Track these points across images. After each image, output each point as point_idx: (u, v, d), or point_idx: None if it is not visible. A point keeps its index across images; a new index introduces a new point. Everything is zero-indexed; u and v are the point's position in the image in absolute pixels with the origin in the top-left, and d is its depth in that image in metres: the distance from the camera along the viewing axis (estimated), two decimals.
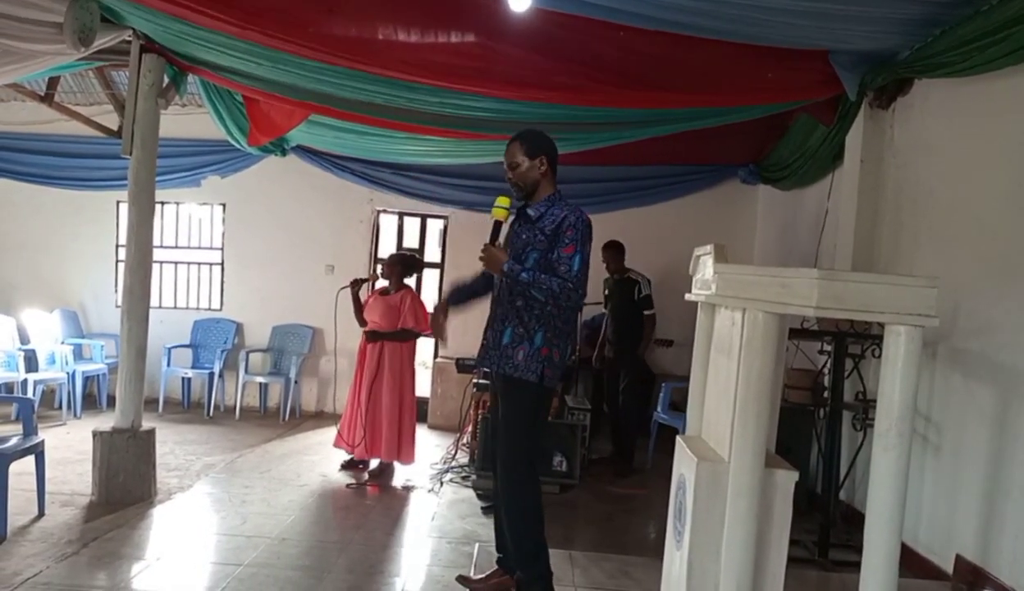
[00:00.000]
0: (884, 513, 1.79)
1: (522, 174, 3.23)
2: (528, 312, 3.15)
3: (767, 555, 2.11)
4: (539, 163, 3.24)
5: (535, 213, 3.23)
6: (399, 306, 5.50)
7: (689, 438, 2.45)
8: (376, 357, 5.47)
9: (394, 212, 8.09)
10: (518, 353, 3.14)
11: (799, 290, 1.83)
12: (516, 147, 3.25)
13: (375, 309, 5.54)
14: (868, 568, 1.81)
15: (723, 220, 7.58)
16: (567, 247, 3.09)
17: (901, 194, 4.61)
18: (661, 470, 5.64)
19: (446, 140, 5.83)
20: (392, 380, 5.48)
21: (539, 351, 3.14)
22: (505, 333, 3.18)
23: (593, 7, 3.77)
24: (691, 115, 5.08)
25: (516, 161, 3.24)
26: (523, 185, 3.24)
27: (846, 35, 3.98)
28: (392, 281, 5.59)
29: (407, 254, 6.01)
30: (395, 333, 5.49)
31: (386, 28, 4.24)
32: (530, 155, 3.23)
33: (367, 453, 5.50)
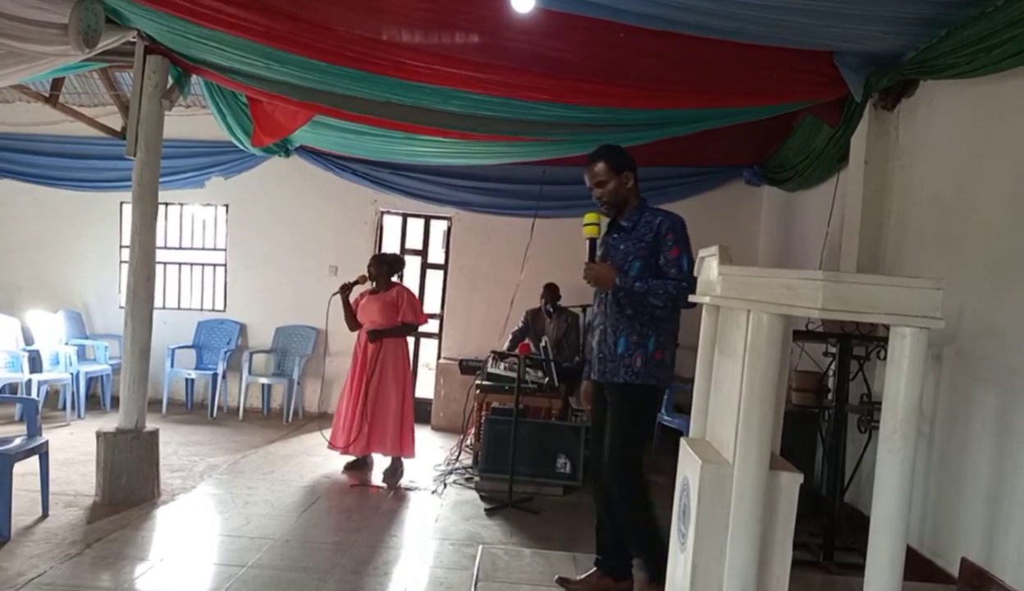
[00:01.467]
0: (889, 516, 1.78)
1: (612, 191, 3.25)
2: (639, 319, 3.15)
3: (771, 558, 2.10)
4: (626, 178, 3.26)
5: (629, 223, 3.24)
6: (396, 301, 5.58)
7: (693, 440, 2.44)
8: (376, 354, 5.50)
9: (397, 213, 8.09)
10: (636, 360, 3.14)
11: (804, 292, 1.82)
12: (601, 167, 3.26)
13: (371, 308, 5.57)
14: (872, 571, 1.80)
15: (727, 221, 7.57)
16: (672, 250, 3.12)
17: (906, 196, 4.59)
18: (664, 472, 5.62)
19: (450, 141, 5.83)
20: (395, 374, 5.55)
21: (654, 355, 3.16)
22: (619, 343, 3.17)
23: (596, 7, 3.76)
24: (696, 117, 5.07)
25: (603, 180, 3.25)
26: (614, 202, 3.26)
27: (852, 35, 3.96)
28: (380, 281, 5.63)
29: (390, 254, 6.06)
30: (397, 329, 5.56)
31: (390, 29, 4.24)
32: (617, 171, 3.24)
33: (369, 449, 5.51)
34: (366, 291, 5.75)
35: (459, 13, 4.05)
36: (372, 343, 5.51)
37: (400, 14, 4.09)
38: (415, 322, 5.68)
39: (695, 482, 2.15)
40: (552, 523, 4.68)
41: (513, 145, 5.89)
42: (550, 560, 3.76)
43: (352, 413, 5.53)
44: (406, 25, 4.19)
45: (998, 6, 3.32)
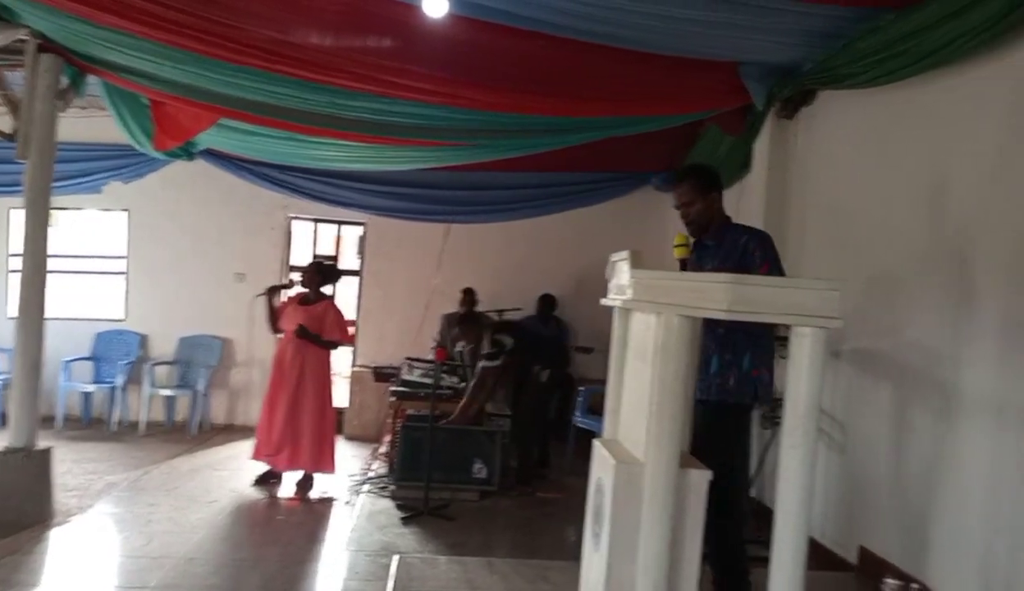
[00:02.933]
0: (792, 509, 1.84)
1: (700, 212, 3.14)
2: (733, 337, 3.03)
3: (682, 554, 2.14)
4: (712, 198, 3.16)
5: (714, 242, 3.15)
6: (322, 317, 5.41)
7: (606, 441, 2.47)
8: (299, 365, 5.34)
9: (308, 218, 7.91)
10: (729, 379, 3.03)
11: (711, 294, 1.87)
12: (689, 187, 3.16)
13: (294, 317, 5.40)
14: (777, 562, 1.86)
15: (638, 227, 7.71)
16: (762, 266, 3.00)
17: (806, 201, 4.79)
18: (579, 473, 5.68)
19: (362, 145, 5.74)
20: (315, 388, 5.38)
21: (750, 373, 3.03)
22: (712, 362, 3.05)
23: (509, 15, 3.78)
24: (605, 124, 5.16)
25: (690, 200, 3.15)
26: (701, 222, 3.15)
27: (754, 46, 4.11)
28: (312, 289, 5.48)
29: (326, 262, 5.89)
30: (323, 340, 5.42)
31: (299, 31, 4.14)
32: (704, 192, 3.14)
33: (288, 464, 5.35)
34: (292, 298, 5.59)
35: (372, 16, 4.00)
36: (293, 352, 5.33)
37: (310, 14, 4.00)
38: (340, 340, 5.53)
39: (608, 482, 2.17)
40: (468, 529, 4.65)
41: (427, 150, 5.85)
42: (466, 566, 3.74)
43: (274, 424, 5.36)
44: (316, 26, 4.11)
45: (890, 20, 3.51)
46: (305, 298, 5.49)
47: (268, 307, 5.45)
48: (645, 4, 3.52)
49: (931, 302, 3.51)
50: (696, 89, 4.68)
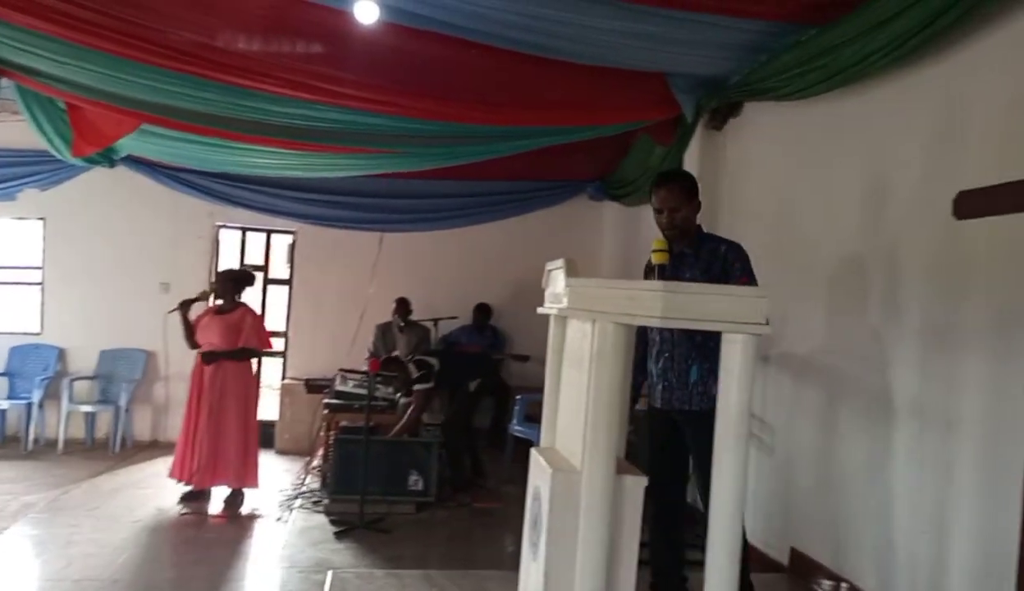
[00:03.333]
0: (725, 512, 1.87)
1: (685, 217, 3.07)
2: (709, 347, 2.99)
3: (619, 560, 2.15)
4: (697, 204, 3.13)
5: (692, 250, 3.11)
6: (240, 324, 5.25)
7: (544, 450, 2.47)
8: (219, 379, 5.17)
9: (236, 227, 7.71)
10: (711, 387, 2.99)
11: (645, 302, 1.88)
12: (678, 190, 3.08)
13: (211, 329, 5.24)
14: (712, 566, 1.88)
15: (573, 235, 7.79)
16: (742, 278, 2.99)
17: (735, 210, 4.91)
18: (517, 483, 5.68)
19: (294, 152, 5.64)
20: (237, 402, 5.22)
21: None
22: (691, 371, 3.07)
23: (441, 24, 3.77)
24: (539, 133, 5.20)
25: (676, 205, 3.06)
26: (685, 228, 3.08)
27: (682, 59, 4.21)
28: (227, 299, 5.32)
29: (238, 270, 5.75)
30: (234, 352, 5.23)
31: (225, 34, 4.04)
32: (690, 198, 3.09)
33: (210, 481, 5.18)
34: (209, 309, 5.41)
35: (301, 21, 3.93)
36: (207, 366, 5.17)
37: (237, 18, 3.91)
38: (258, 348, 5.37)
39: (546, 491, 2.17)
40: (404, 542, 4.60)
41: (359, 157, 5.78)
42: (403, 580, 3.68)
43: (192, 441, 5.18)
44: (243, 30, 4.01)
45: (811, 36, 3.64)
46: (220, 308, 5.34)
47: (183, 322, 5.27)
48: (576, 16, 3.56)
49: (856, 307, 3.63)
50: (627, 100, 4.76)
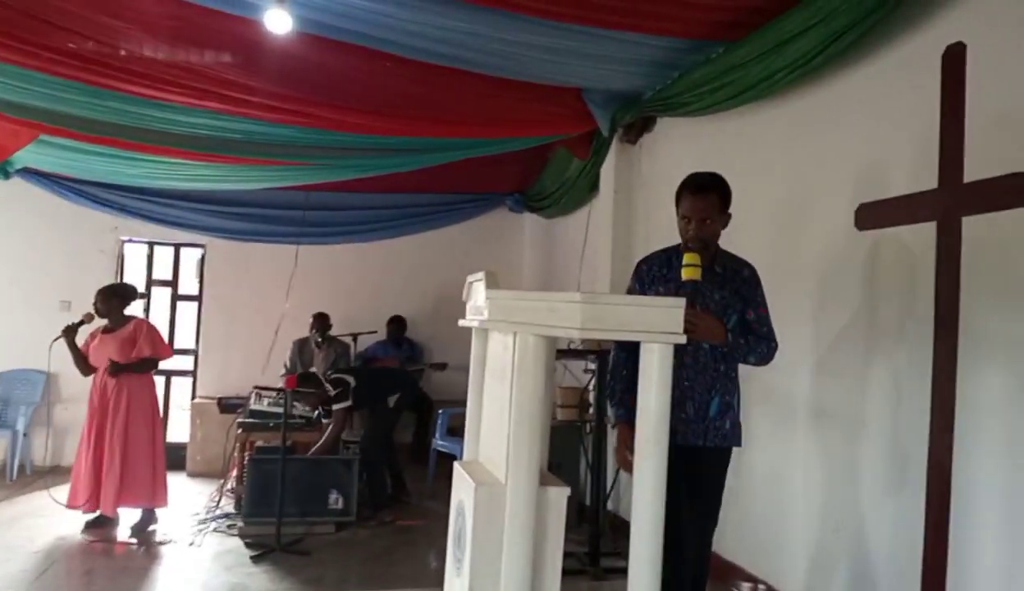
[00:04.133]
0: (647, 519, 1.89)
1: (715, 230, 2.77)
2: (728, 378, 2.81)
3: (543, 571, 2.15)
4: (728, 217, 2.82)
5: (721, 269, 2.81)
6: (134, 336, 5.00)
7: (467, 463, 2.45)
8: (122, 399, 4.92)
9: (142, 241, 7.40)
10: (726, 422, 2.79)
11: (565, 313, 1.90)
12: (715, 200, 2.75)
13: (105, 348, 4.97)
14: (635, 572, 1.90)
15: (494, 247, 7.82)
16: (762, 307, 2.79)
17: (650, 222, 5.03)
18: (441, 497, 5.63)
19: (204, 164, 5.47)
20: (139, 417, 4.97)
21: (737, 415, 2.85)
22: (712, 404, 2.77)
23: (356, 35, 3.74)
24: (456, 145, 5.21)
25: (711, 217, 2.74)
26: (710, 243, 2.77)
27: (596, 74, 4.29)
28: (112, 316, 5.08)
29: (118, 284, 5.52)
30: (139, 364, 5.00)
31: (129, 43, 3.89)
32: (724, 209, 2.78)
33: (117, 504, 4.92)
34: (98, 330, 5.15)
35: (210, 31, 3.82)
36: (112, 377, 4.91)
37: (142, 26, 3.77)
38: (154, 356, 5.10)
39: (470, 505, 2.15)
40: (324, 563, 4.48)
41: (271, 169, 5.65)
42: None
43: (92, 465, 4.91)
44: (150, 39, 3.87)
45: (721, 53, 3.77)
46: (109, 327, 5.10)
47: (71, 349, 4.99)
48: (492, 30, 3.59)
49: None
50: (544, 113, 4.82)
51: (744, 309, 2.77)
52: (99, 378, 5.02)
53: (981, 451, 2.60)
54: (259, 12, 3.45)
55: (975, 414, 2.60)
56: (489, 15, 3.44)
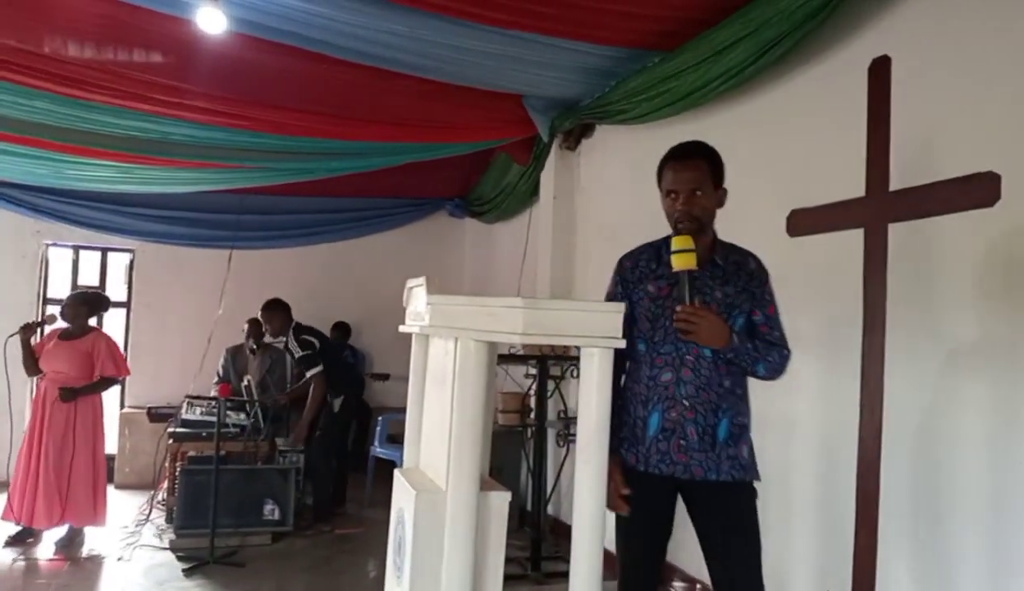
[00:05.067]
0: (587, 522, 1.91)
1: (705, 206, 2.30)
2: (736, 395, 2.30)
3: (485, 577, 2.14)
4: (722, 195, 2.36)
5: (722, 261, 2.35)
6: (91, 351, 4.83)
7: (407, 471, 2.43)
8: (65, 410, 4.73)
9: (67, 245, 7.12)
10: (742, 449, 2.29)
11: (506, 318, 1.90)
12: (704, 168, 2.31)
13: (58, 356, 4.79)
14: (576, 576, 1.91)
15: (434, 252, 7.79)
16: (771, 307, 2.34)
17: (589, 227, 5.08)
18: (381, 505, 5.56)
19: (133, 166, 5.29)
20: (85, 433, 4.80)
21: (751, 438, 2.35)
22: (720, 427, 2.26)
23: (293, 36, 3.67)
24: (396, 149, 5.18)
25: (698, 186, 2.29)
26: (701, 223, 2.30)
27: (536, 80, 4.31)
28: (77, 323, 4.90)
29: (91, 292, 5.31)
30: (95, 385, 4.83)
31: (54, 42, 3.75)
32: (716, 182, 2.33)
33: (53, 521, 4.72)
34: (53, 333, 4.95)
35: (139, 30, 3.70)
36: (65, 402, 4.71)
37: (67, 25, 3.63)
38: (115, 376, 4.96)
39: (410, 513, 2.13)
40: (261, 575, 4.38)
41: (205, 172, 5.51)
42: None
43: (34, 478, 4.69)
44: (76, 38, 3.74)
45: (656, 62, 3.84)
46: (68, 333, 4.91)
47: (24, 347, 4.80)
48: (433, 34, 3.57)
49: None
50: (484, 119, 4.83)
51: (751, 309, 2.31)
52: (42, 385, 4.83)
53: (905, 446, 2.70)
54: (192, 12, 3.36)
55: (900, 411, 2.71)
56: (429, 20, 3.43)
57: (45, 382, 4.83)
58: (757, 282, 2.33)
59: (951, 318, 2.55)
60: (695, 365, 2.27)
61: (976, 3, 2.52)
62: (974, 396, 2.47)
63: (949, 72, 2.59)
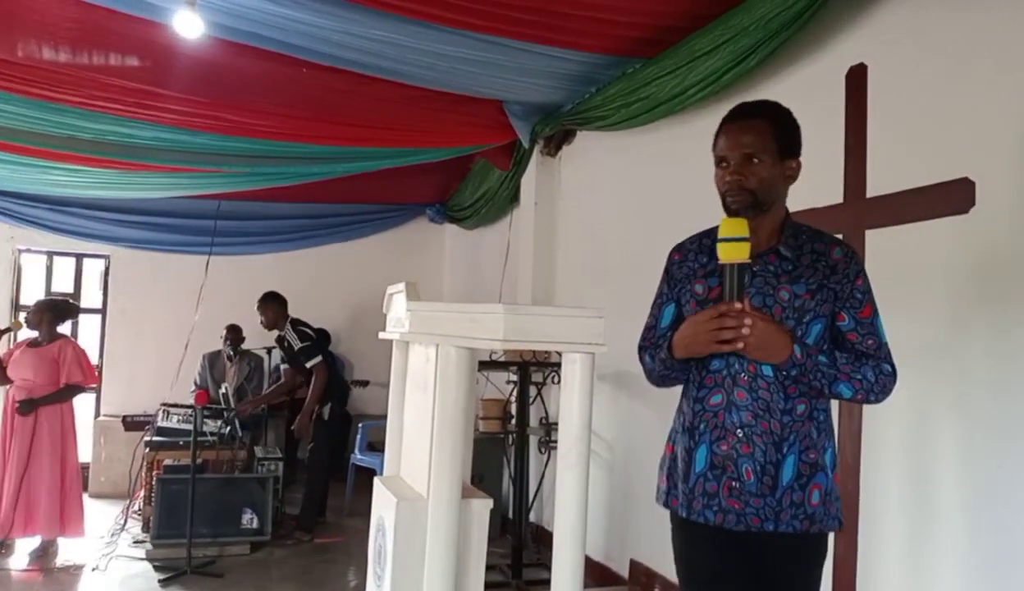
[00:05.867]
0: (569, 529, 1.89)
1: (764, 178, 1.82)
2: (814, 422, 1.83)
3: (466, 586, 2.12)
4: (791, 170, 1.88)
5: (791, 251, 1.86)
6: (58, 358, 4.76)
7: (387, 478, 2.41)
8: (32, 418, 4.65)
9: (41, 251, 7.01)
10: (812, 493, 1.80)
11: (487, 324, 1.89)
12: (766, 130, 1.84)
13: (24, 363, 4.72)
14: (557, 583, 1.90)
15: (414, 258, 7.76)
16: (865, 308, 1.82)
17: (570, 233, 5.09)
18: (361, 514, 5.52)
19: (108, 171, 5.22)
20: (52, 443, 4.72)
21: (834, 480, 1.87)
22: (786, 464, 1.79)
23: (271, 41, 3.65)
24: (375, 154, 5.16)
25: (758, 153, 1.82)
26: (758, 197, 1.82)
27: (516, 86, 4.32)
28: (43, 330, 4.83)
29: (59, 300, 5.24)
30: (59, 393, 4.75)
31: (28, 46, 3.70)
32: (785, 150, 1.85)
33: (22, 531, 4.64)
34: (20, 343, 4.87)
35: (114, 34, 3.66)
36: (24, 415, 4.64)
37: (40, 30, 3.58)
38: (82, 383, 4.88)
39: (390, 521, 2.11)
40: (239, 585, 4.33)
41: (182, 176, 5.45)
42: None
43: (4, 488, 4.61)
44: (50, 42, 3.69)
45: (636, 69, 3.86)
46: (35, 340, 4.84)
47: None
48: (411, 39, 3.57)
49: None
50: (465, 124, 4.83)
51: (835, 312, 1.82)
52: (11, 394, 4.76)
53: (886, 454, 2.72)
54: (168, 16, 3.32)
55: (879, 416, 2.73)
56: (408, 25, 3.42)
57: (13, 391, 4.77)
58: (843, 277, 1.82)
59: (928, 324, 2.57)
60: (751, 385, 1.82)
61: (952, 11, 2.55)
62: (951, 401, 2.49)
63: (925, 80, 2.63)
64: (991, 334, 2.38)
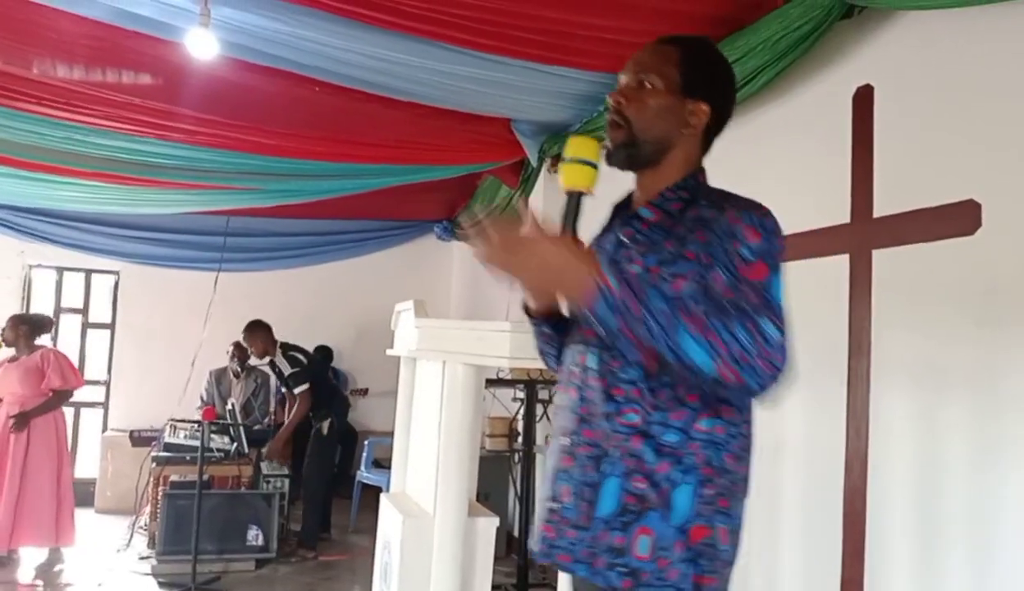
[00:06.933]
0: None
1: (648, 107, 1.43)
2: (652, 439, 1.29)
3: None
4: (693, 110, 1.43)
5: (653, 213, 1.47)
6: (41, 366, 4.78)
7: (394, 496, 2.41)
8: (23, 433, 4.67)
9: (51, 266, 7.06)
10: (638, 540, 1.26)
11: (494, 342, 1.90)
12: (671, 56, 1.43)
13: (9, 378, 4.74)
14: None
15: (422, 275, 7.78)
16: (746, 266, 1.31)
17: None
18: (366, 531, 5.50)
19: (119, 187, 5.27)
20: (48, 453, 4.74)
21: (687, 531, 1.27)
22: (604, 489, 1.30)
23: (283, 60, 3.69)
24: (384, 172, 5.19)
25: (650, 78, 1.43)
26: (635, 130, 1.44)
27: (523, 105, 4.35)
28: (19, 345, 4.85)
29: (31, 314, 5.31)
30: (47, 403, 4.77)
31: (43, 65, 3.75)
32: (688, 86, 1.42)
33: (20, 541, 4.66)
34: (4, 360, 4.90)
35: (132, 53, 3.70)
36: (18, 430, 4.66)
37: (58, 49, 3.63)
38: (64, 387, 4.88)
39: (397, 538, 2.11)
40: None
41: (191, 193, 5.50)
42: None
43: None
44: (66, 61, 3.73)
45: None
46: (14, 357, 4.87)
47: None
48: (420, 59, 3.60)
49: None
50: (473, 142, 4.86)
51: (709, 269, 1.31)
52: (3, 410, 4.76)
53: (891, 471, 2.71)
54: (182, 35, 3.37)
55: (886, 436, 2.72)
56: (418, 45, 3.45)
57: (4, 407, 4.78)
58: (719, 227, 1.33)
59: (935, 344, 2.57)
60: (582, 381, 1.38)
61: (957, 33, 2.57)
62: (958, 421, 2.48)
63: (931, 101, 2.64)
64: (997, 354, 2.38)
